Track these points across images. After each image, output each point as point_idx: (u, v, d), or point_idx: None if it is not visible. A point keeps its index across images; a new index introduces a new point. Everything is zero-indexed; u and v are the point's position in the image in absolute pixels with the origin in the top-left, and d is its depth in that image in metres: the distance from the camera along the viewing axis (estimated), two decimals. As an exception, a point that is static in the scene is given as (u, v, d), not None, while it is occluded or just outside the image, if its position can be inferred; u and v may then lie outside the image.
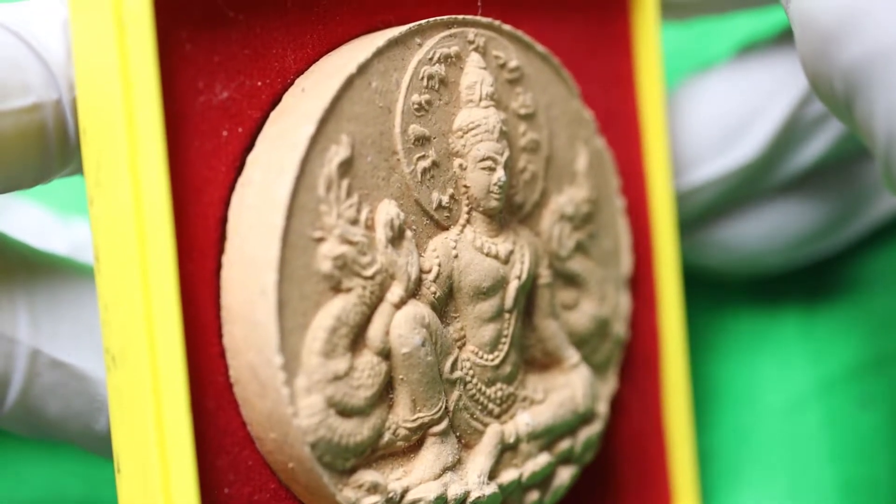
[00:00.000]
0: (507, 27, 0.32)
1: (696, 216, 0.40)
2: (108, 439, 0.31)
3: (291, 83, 0.30)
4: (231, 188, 0.29)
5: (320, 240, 0.28)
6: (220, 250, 0.28)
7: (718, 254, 0.41)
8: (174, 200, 0.28)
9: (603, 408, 0.34)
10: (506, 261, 0.31)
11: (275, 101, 0.29)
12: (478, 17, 0.32)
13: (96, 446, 0.32)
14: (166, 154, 0.27)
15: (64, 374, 0.31)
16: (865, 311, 0.44)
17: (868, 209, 0.42)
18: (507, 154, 0.31)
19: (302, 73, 0.30)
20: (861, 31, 0.28)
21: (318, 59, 0.30)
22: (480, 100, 0.31)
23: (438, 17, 0.31)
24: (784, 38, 0.40)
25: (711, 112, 0.39)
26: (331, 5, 0.30)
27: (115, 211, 0.27)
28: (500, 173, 0.31)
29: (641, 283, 0.36)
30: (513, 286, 0.32)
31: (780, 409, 0.44)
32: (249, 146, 0.29)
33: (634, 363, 0.36)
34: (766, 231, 0.41)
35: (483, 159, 0.31)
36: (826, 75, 0.29)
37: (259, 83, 0.29)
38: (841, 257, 0.44)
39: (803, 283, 0.44)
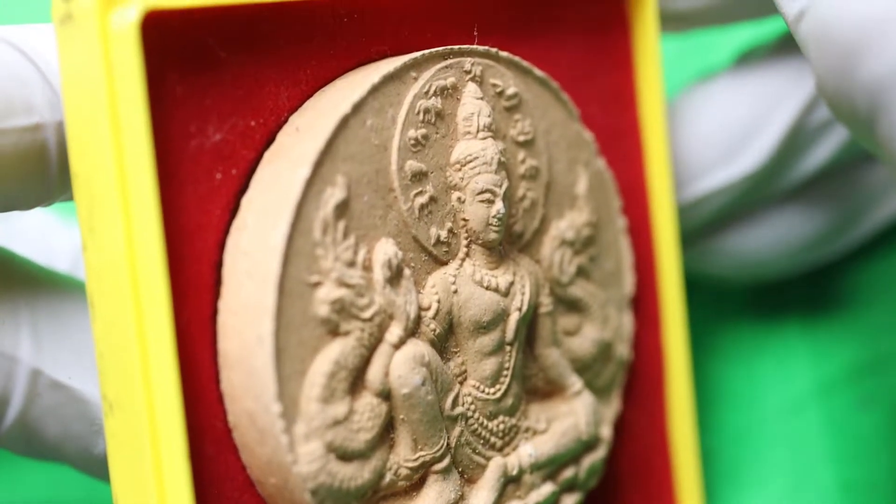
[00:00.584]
0: (504, 54, 0.32)
1: (701, 226, 0.40)
2: (107, 463, 0.30)
3: (286, 121, 0.29)
4: (226, 231, 0.28)
5: (317, 284, 0.28)
6: (217, 295, 0.28)
7: (723, 262, 0.41)
8: (168, 247, 0.27)
9: (607, 432, 0.34)
10: (506, 293, 0.31)
11: (269, 141, 0.29)
12: (474, 46, 0.31)
13: (94, 470, 0.32)
14: (159, 201, 0.27)
15: (64, 396, 0.30)
16: (866, 313, 0.44)
17: (871, 213, 0.42)
18: (505, 185, 0.31)
19: (296, 110, 0.29)
20: (885, 45, 0.27)
21: (312, 95, 0.30)
22: (478, 131, 0.31)
23: (434, 49, 0.30)
24: (784, 45, 0.39)
25: (714, 122, 0.39)
26: (324, 39, 0.30)
27: (109, 258, 0.27)
28: (498, 205, 0.31)
29: (644, 302, 0.36)
30: (513, 318, 0.31)
31: (781, 411, 0.43)
32: (244, 188, 0.29)
33: (638, 383, 0.36)
34: (770, 239, 0.41)
35: (481, 192, 0.30)
36: (846, 93, 0.28)
37: (252, 123, 0.29)
38: (842, 260, 0.44)
39: (805, 285, 0.44)
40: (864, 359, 0.44)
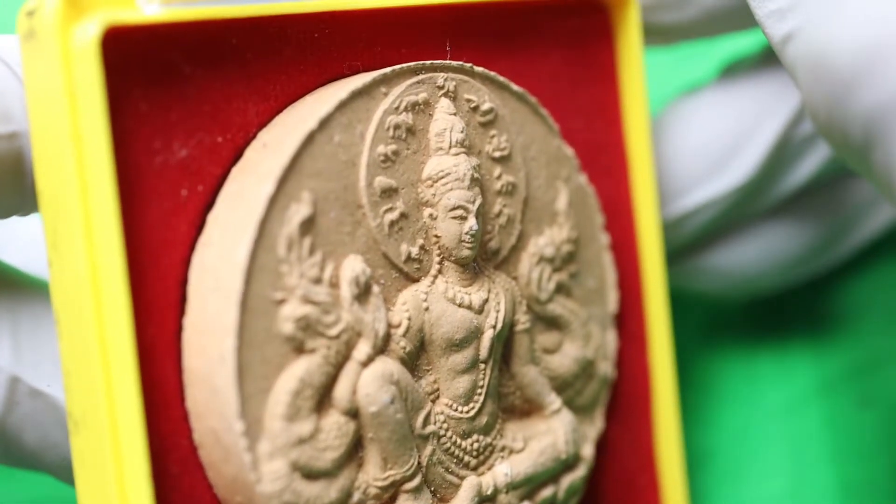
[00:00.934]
0: (479, 69, 0.31)
1: (689, 242, 0.39)
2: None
3: (254, 136, 0.29)
4: (192, 248, 0.28)
5: (282, 301, 0.27)
6: (182, 311, 0.28)
7: (711, 279, 0.40)
8: (131, 264, 0.27)
9: (588, 451, 0.34)
10: (480, 310, 0.31)
11: (236, 156, 0.29)
12: (447, 62, 0.31)
13: (73, 479, 0.32)
14: (120, 220, 0.27)
15: (43, 403, 0.30)
16: (865, 313, 0.44)
17: (861, 225, 0.41)
18: (479, 201, 0.30)
19: (265, 125, 0.29)
20: (883, 74, 0.26)
21: (282, 111, 0.29)
22: (450, 147, 0.30)
23: (405, 64, 0.30)
24: (769, 56, 0.39)
25: (701, 135, 0.38)
26: (295, 54, 0.30)
27: (72, 276, 0.27)
28: (471, 222, 0.30)
29: (629, 320, 0.35)
30: (487, 336, 0.31)
31: (781, 410, 0.43)
32: (210, 203, 0.28)
33: (623, 402, 0.35)
34: (758, 254, 0.40)
35: (454, 208, 0.30)
36: (840, 121, 0.27)
37: (219, 139, 0.29)
38: (837, 270, 0.43)
39: (804, 290, 0.43)
40: (865, 357, 0.43)
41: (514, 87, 0.32)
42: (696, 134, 0.38)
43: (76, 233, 0.27)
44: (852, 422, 0.42)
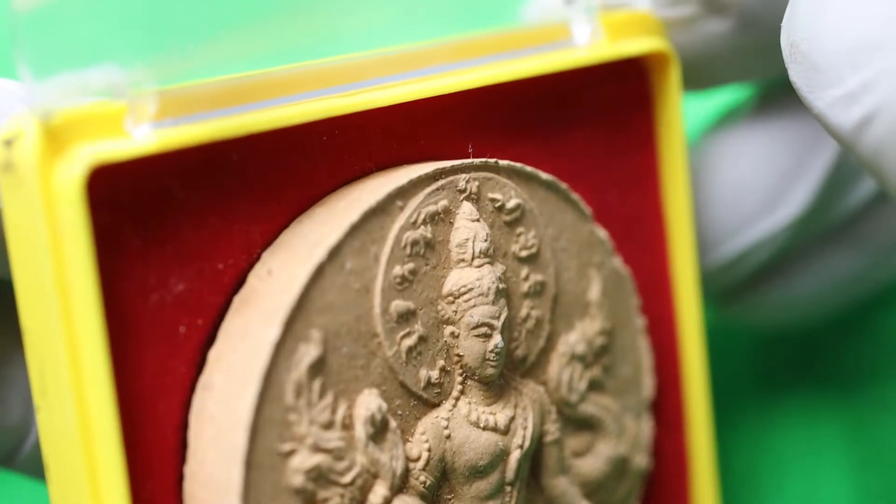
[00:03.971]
0: (503, 163, 0.29)
1: (746, 278, 0.37)
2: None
3: (258, 258, 0.27)
4: (191, 389, 0.26)
5: (290, 453, 0.25)
6: (183, 458, 0.26)
7: (769, 312, 0.38)
8: (125, 414, 0.25)
9: (622, 553, 0.32)
10: (506, 430, 0.28)
11: (239, 282, 0.26)
12: (469, 161, 0.28)
13: None
14: (112, 367, 0.24)
15: None
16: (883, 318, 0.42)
17: None
18: (504, 315, 0.28)
19: (270, 244, 0.27)
20: None
21: (288, 225, 0.27)
22: (473, 258, 0.28)
23: (423, 172, 0.27)
24: None
25: (748, 169, 0.36)
26: (301, 162, 0.27)
27: (61, 426, 0.25)
28: (496, 339, 0.28)
29: (665, 404, 0.33)
30: (514, 457, 0.29)
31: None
32: (211, 337, 0.26)
33: (659, 491, 0.33)
34: (817, 280, 0.38)
35: (477, 326, 0.28)
36: None
37: (220, 265, 0.26)
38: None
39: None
40: (883, 365, 0.41)
41: (543, 175, 0.29)
42: (743, 168, 0.35)
43: (64, 381, 0.24)
44: (870, 429, 0.41)
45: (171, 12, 0.24)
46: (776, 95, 0.36)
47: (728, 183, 0.36)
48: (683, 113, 0.33)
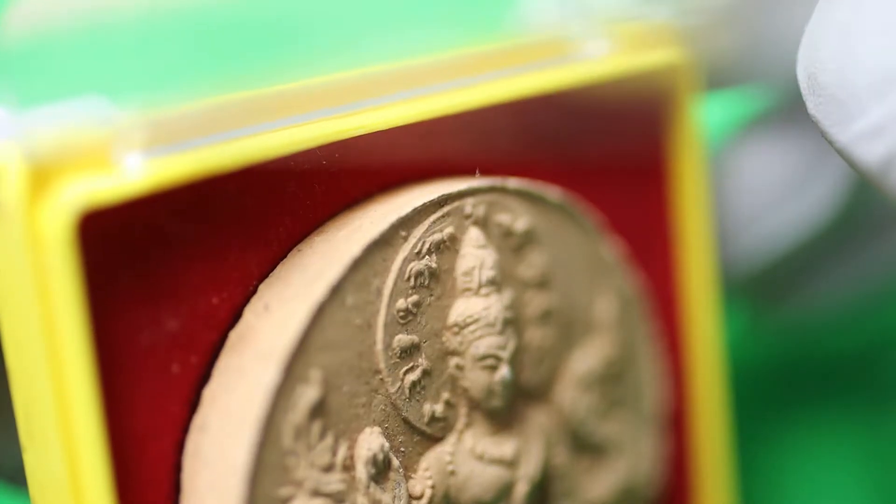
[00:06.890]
0: (512, 185, 0.27)
1: (775, 270, 0.36)
2: None
3: (254, 290, 0.25)
4: (185, 429, 0.25)
5: (289, 498, 0.24)
6: (176, 502, 0.25)
7: (800, 312, 0.38)
8: (116, 458, 0.24)
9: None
10: (512, 462, 0.27)
11: (235, 316, 0.25)
12: (477, 184, 0.27)
13: None
14: (101, 411, 0.23)
15: None
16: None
17: None
18: (512, 345, 0.27)
19: (267, 275, 0.26)
20: None
21: (286, 255, 0.26)
22: (479, 287, 0.27)
23: (427, 199, 0.26)
24: None
25: (772, 165, 0.34)
26: (300, 188, 0.26)
27: (48, 470, 0.24)
28: (503, 371, 0.27)
29: (680, 421, 0.32)
30: (521, 489, 0.28)
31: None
32: (206, 375, 0.25)
33: (671, 509, 0.32)
34: (848, 282, 0.37)
35: (483, 357, 0.26)
36: None
37: (215, 300, 0.25)
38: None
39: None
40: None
41: (552, 197, 0.28)
42: (766, 163, 0.34)
43: (50, 423, 0.23)
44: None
45: (158, 44, 0.23)
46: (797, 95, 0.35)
47: (751, 178, 0.34)
48: (706, 120, 0.31)
